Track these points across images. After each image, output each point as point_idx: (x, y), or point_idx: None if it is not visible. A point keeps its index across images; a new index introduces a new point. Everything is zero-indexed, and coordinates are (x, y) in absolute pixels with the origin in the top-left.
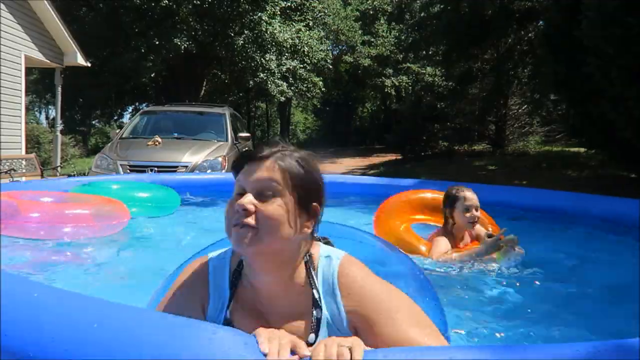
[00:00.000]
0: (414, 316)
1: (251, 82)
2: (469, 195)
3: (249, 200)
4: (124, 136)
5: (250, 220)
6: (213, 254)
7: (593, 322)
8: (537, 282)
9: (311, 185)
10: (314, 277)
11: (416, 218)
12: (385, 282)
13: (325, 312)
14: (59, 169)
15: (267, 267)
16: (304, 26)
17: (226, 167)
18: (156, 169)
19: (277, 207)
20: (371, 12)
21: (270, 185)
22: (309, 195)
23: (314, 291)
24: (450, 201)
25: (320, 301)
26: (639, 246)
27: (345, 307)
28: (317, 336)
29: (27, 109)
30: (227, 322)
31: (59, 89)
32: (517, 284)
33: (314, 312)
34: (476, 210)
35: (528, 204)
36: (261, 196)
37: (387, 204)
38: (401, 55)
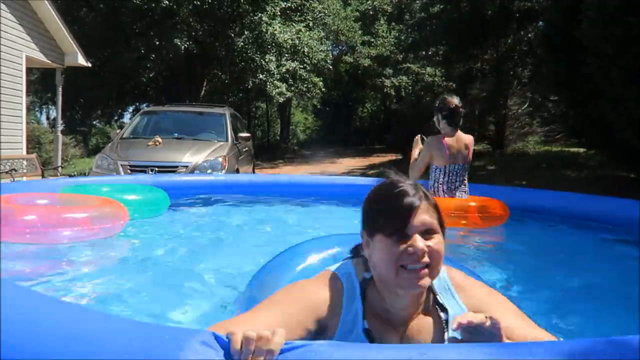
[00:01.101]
0: (514, 308)
1: (250, 83)
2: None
3: (424, 242)
4: (124, 136)
5: (427, 259)
6: (335, 267)
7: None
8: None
9: (439, 211)
10: (433, 286)
11: None
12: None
13: (450, 313)
14: (59, 169)
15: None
16: (304, 27)
17: (226, 167)
18: (156, 169)
19: (439, 243)
20: (371, 13)
21: (432, 224)
22: (442, 221)
23: (437, 297)
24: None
25: (445, 305)
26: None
27: (467, 305)
28: (448, 333)
29: (28, 109)
30: (367, 331)
31: (60, 89)
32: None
33: (441, 314)
34: None
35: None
36: (425, 235)
37: None
38: (401, 56)
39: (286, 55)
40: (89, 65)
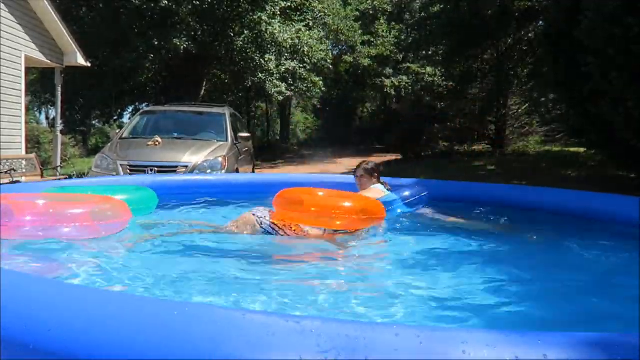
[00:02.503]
0: None
1: (249, 82)
2: None
3: None
4: (124, 136)
5: None
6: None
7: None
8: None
9: None
10: None
11: None
12: None
13: None
14: (59, 169)
15: None
16: (304, 26)
17: (226, 167)
18: (156, 169)
19: None
20: (371, 12)
21: None
22: None
23: None
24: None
25: None
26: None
27: None
28: None
29: (27, 109)
30: None
31: (59, 89)
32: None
33: None
34: None
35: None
36: None
37: None
38: (401, 55)
39: (286, 54)
40: (89, 65)
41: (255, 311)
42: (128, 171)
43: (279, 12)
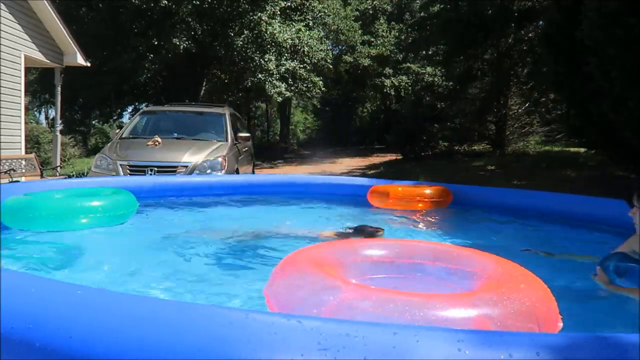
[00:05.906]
0: None
1: (249, 83)
2: None
3: None
4: (123, 136)
5: None
6: None
7: None
8: None
9: None
10: None
11: None
12: None
13: None
14: (58, 169)
15: None
16: (304, 26)
17: (226, 167)
18: (156, 169)
19: None
20: (371, 12)
21: None
22: None
23: None
24: None
25: None
26: None
27: None
28: None
29: (27, 109)
30: None
31: (59, 88)
32: None
33: None
34: None
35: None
36: None
37: None
38: (401, 55)
39: (286, 54)
40: (88, 65)
41: (258, 311)
42: (128, 171)
43: (279, 12)
